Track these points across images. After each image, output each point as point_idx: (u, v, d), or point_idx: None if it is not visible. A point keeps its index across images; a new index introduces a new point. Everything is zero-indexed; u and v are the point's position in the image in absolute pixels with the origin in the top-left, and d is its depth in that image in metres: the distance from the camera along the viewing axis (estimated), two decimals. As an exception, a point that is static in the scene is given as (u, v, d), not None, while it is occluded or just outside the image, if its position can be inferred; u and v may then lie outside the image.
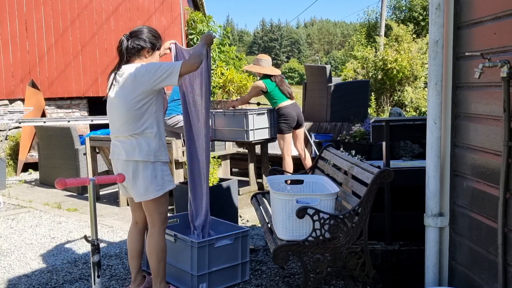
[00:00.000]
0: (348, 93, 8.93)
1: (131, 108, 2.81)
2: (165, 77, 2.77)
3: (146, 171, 2.85)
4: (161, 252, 2.99)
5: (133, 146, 2.85)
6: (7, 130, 7.86)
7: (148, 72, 2.78)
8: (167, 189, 2.94)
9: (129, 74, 2.83)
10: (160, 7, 10.12)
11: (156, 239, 2.98)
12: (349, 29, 73.72)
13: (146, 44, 2.95)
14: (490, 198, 2.24)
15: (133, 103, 2.81)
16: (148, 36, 2.97)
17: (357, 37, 21.07)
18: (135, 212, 3.15)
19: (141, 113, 2.83)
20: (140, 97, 2.81)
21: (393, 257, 3.29)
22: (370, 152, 4.80)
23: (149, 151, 2.84)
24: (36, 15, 9.63)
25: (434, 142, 2.64)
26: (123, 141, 2.90)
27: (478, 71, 2.17)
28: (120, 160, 2.91)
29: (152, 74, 2.77)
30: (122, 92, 2.85)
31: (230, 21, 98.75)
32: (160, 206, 2.97)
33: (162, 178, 2.90)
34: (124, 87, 2.84)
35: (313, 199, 2.87)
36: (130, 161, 2.86)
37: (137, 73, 2.81)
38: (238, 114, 5.95)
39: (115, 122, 2.93)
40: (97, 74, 9.86)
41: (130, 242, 3.18)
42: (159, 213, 2.97)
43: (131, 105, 2.81)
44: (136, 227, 3.18)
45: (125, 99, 2.82)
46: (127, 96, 2.82)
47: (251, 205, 4.42)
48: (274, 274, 3.58)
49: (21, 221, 5.32)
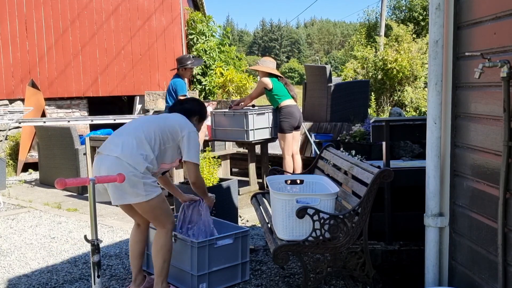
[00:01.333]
0: (348, 93, 8.92)
1: (158, 135, 2.97)
2: (184, 152, 3.05)
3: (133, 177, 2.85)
4: (167, 252, 3.03)
5: (123, 163, 2.86)
6: (7, 130, 7.87)
7: (184, 138, 3.03)
8: (155, 195, 2.91)
9: (176, 119, 3.11)
10: (160, 7, 10.12)
11: (164, 240, 3.01)
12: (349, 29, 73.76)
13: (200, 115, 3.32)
14: (490, 198, 2.24)
15: (161, 135, 2.98)
16: (201, 109, 3.35)
17: (357, 37, 21.08)
18: (135, 217, 3.18)
19: (149, 148, 2.93)
20: (164, 139, 2.99)
21: (393, 257, 3.29)
22: (370, 152, 4.80)
23: (137, 171, 2.85)
24: (36, 15, 9.63)
25: (434, 142, 2.64)
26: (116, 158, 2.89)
27: (478, 71, 2.17)
28: (112, 155, 2.90)
29: (184, 142, 3.03)
30: (157, 125, 3.05)
31: (230, 21, 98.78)
32: (161, 206, 2.98)
33: (150, 183, 2.89)
34: (161, 123, 3.07)
35: (313, 199, 2.87)
36: (122, 160, 2.86)
37: (177, 125, 3.06)
38: (238, 114, 5.95)
39: (124, 138, 2.98)
40: (97, 74, 9.87)
41: (132, 242, 3.19)
42: (166, 213, 3.01)
43: (160, 134, 2.98)
44: (138, 228, 3.21)
45: (158, 127, 3.02)
46: (158, 130, 3.00)
47: (251, 205, 4.41)
48: (274, 274, 3.58)
49: (21, 221, 5.32)
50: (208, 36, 11.38)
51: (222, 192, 4.59)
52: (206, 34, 11.32)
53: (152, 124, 3.03)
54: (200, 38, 11.15)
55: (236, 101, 6.44)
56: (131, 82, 10.07)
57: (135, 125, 3.06)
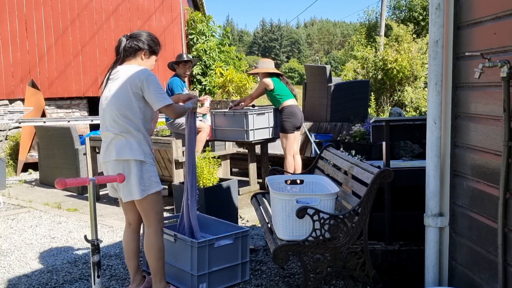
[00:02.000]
0: (348, 93, 8.92)
1: (120, 107, 2.87)
2: (152, 101, 2.88)
3: (136, 169, 2.87)
4: (159, 251, 3.01)
5: (123, 144, 2.88)
6: (7, 130, 7.87)
7: (143, 85, 2.85)
8: (153, 191, 2.93)
9: (125, 76, 2.89)
10: (160, 7, 10.12)
11: (153, 239, 2.99)
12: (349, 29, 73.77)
13: (143, 46, 3.03)
14: (490, 198, 2.24)
15: (123, 103, 2.87)
16: (147, 39, 3.06)
17: (357, 37, 21.07)
18: (127, 214, 3.17)
19: (130, 114, 2.87)
20: (130, 101, 2.87)
21: (393, 257, 3.29)
22: (370, 152, 4.80)
23: (139, 151, 2.87)
24: (36, 15, 9.63)
25: (434, 142, 2.64)
26: (113, 140, 2.92)
27: (478, 71, 2.17)
28: (111, 161, 2.93)
29: (146, 90, 2.85)
30: (115, 91, 2.91)
31: (230, 21, 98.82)
32: (155, 205, 2.98)
33: (149, 179, 2.91)
34: (117, 87, 2.91)
35: (313, 199, 2.87)
36: (120, 161, 2.88)
37: (132, 80, 2.87)
38: (238, 114, 5.95)
39: (105, 120, 2.97)
40: (97, 74, 9.87)
41: (125, 243, 3.19)
42: (155, 213, 2.99)
43: (121, 105, 2.87)
44: (129, 228, 3.19)
45: (117, 98, 2.89)
46: (119, 95, 2.89)
47: (251, 205, 4.42)
48: (274, 274, 3.58)
49: (21, 221, 5.32)
50: (208, 36, 11.38)
51: (222, 192, 4.59)
52: (206, 34, 11.32)
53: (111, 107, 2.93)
54: (200, 38, 11.15)
55: (237, 101, 6.44)
56: (131, 82, 10.07)
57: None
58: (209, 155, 4.87)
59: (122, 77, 2.90)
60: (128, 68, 2.94)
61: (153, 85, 2.87)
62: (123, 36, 3.04)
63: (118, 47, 3.01)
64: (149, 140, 3.00)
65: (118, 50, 3.01)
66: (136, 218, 3.13)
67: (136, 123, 2.89)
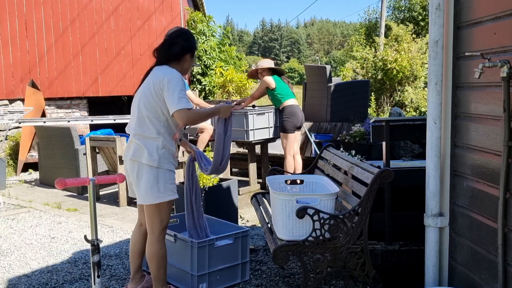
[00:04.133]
0: (348, 93, 8.92)
1: (143, 108, 2.84)
2: (168, 103, 2.76)
3: (149, 173, 2.83)
4: (161, 259, 2.95)
5: (141, 147, 2.84)
6: (7, 130, 7.87)
7: (163, 86, 2.77)
8: (167, 199, 2.88)
9: (154, 77, 2.85)
10: (160, 7, 10.12)
11: (155, 247, 2.93)
12: (349, 29, 73.72)
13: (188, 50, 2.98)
14: (490, 198, 2.24)
15: (145, 104, 2.84)
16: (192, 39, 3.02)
17: (355, 37, 21.07)
18: (140, 214, 3.13)
19: (152, 116, 2.83)
20: (152, 102, 2.82)
21: (393, 257, 3.29)
22: (370, 152, 4.80)
23: (153, 157, 2.82)
24: (36, 15, 9.62)
25: (434, 142, 2.64)
26: (133, 140, 2.91)
27: (478, 71, 2.17)
28: (128, 160, 2.92)
29: (165, 91, 2.77)
30: (142, 91, 2.90)
31: (230, 21, 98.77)
32: (162, 213, 2.91)
33: (164, 185, 2.85)
34: (143, 87, 2.90)
35: (313, 199, 2.87)
36: (136, 162, 2.86)
37: (156, 79, 2.81)
38: (238, 114, 5.95)
39: (132, 119, 2.95)
40: (97, 74, 9.86)
41: (132, 242, 3.18)
42: (160, 220, 2.91)
43: (144, 106, 2.84)
44: (140, 228, 3.15)
45: (140, 98, 2.88)
46: (142, 96, 2.87)
47: (251, 205, 4.42)
48: (274, 274, 3.58)
49: (21, 221, 5.32)
50: (208, 36, 11.38)
51: (222, 192, 4.59)
52: (206, 34, 11.32)
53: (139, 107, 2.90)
54: (200, 38, 11.15)
55: (237, 101, 6.44)
56: (131, 82, 10.06)
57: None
58: (209, 155, 4.86)
59: (151, 77, 2.87)
60: (161, 69, 2.88)
61: (173, 86, 2.74)
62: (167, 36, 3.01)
63: (160, 49, 2.95)
64: (172, 144, 2.92)
65: (159, 53, 2.95)
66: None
67: (158, 126, 2.83)
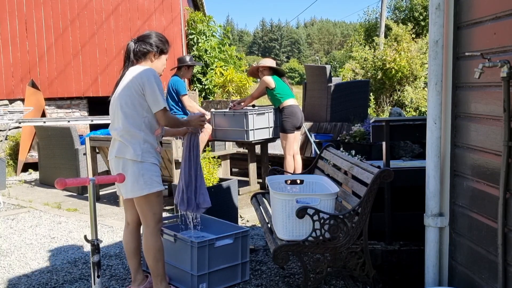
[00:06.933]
0: (348, 93, 8.92)
1: (123, 106, 2.92)
2: (150, 103, 2.90)
3: (133, 168, 2.90)
4: (158, 252, 3.01)
5: (124, 144, 2.92)
6: (7, 130, 7.87)
7: (144, 85, 2.88)
8: (154, 190, 2.94)
9: (131, 76, 2.94)
10: (160, 7, 10.12)
11: (150, 240, 3.00)
12: (349, 29, 73.74)
13: (152, 48, 3.06)
14: (490, 198, 2.24)
15: (126, 102, 2.92)
16: (155, 40, 3.08)
17: (355, 37, 21.05)
18: (126, 213, 3.20)
19: (133, 113, 2.91)
20: (133, 100, 2.91)
21: (393, 257, 3.29)
22: (370, 152, 4.80)
23: (137, 152, 2.89)
24: (36, 15, 9.62)
25: (434, 142, 2.64)
26: (117, 138, 2.99)
27: (478, 71, 2.17)
28: (113, 158, 2.99)
29: (146, 90, 2.88)
30: (120, 91, 2.97)
31: (230, 21, 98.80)
32: (154, 206, 2.98)
33: (150, 178, 2.92)
34: (122, 87, 2.97)
35: (313, 199, 2.87)
36: (120, 158, 2.94)
37: (135, 79, 2.90)
38: (238, 114, 5.95)
39: (113, 119, 3.04)
40: (97, 74, 9.86)
41: (124, 243, 3.21)
42: (153, 213, 2.99)
43: (125, 104, 2.92)
44: (128, 228, 3.21)
45: (120, 97, 2.95)
46: (122, 95, 2.94)
47: (251, 205, 4.41)
48: (274, 274, 3.58)
49: (21, 221, 5.32)
50: (208, 36, 11.38)
51: (222, 192, 4.59)
52: (206, 34, 11.33)
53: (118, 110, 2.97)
54: (200, 38, 11.16)
55: (237, 101, 6.44)
56: (131, 82, 10.07)
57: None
58: (209, 155, 4.87)
59: (129, 77, 2.95)
60: (136, 68, 2.98)
61: (152, 86, 2.88)
62: (131, 40, 3.09)
63: (128, 52, 3.04)
64: (154, 140, 2.98)
65: (128, 55, 3.05)
66: (134, 218, 3.15)
67: (139, 122, 2.91)
